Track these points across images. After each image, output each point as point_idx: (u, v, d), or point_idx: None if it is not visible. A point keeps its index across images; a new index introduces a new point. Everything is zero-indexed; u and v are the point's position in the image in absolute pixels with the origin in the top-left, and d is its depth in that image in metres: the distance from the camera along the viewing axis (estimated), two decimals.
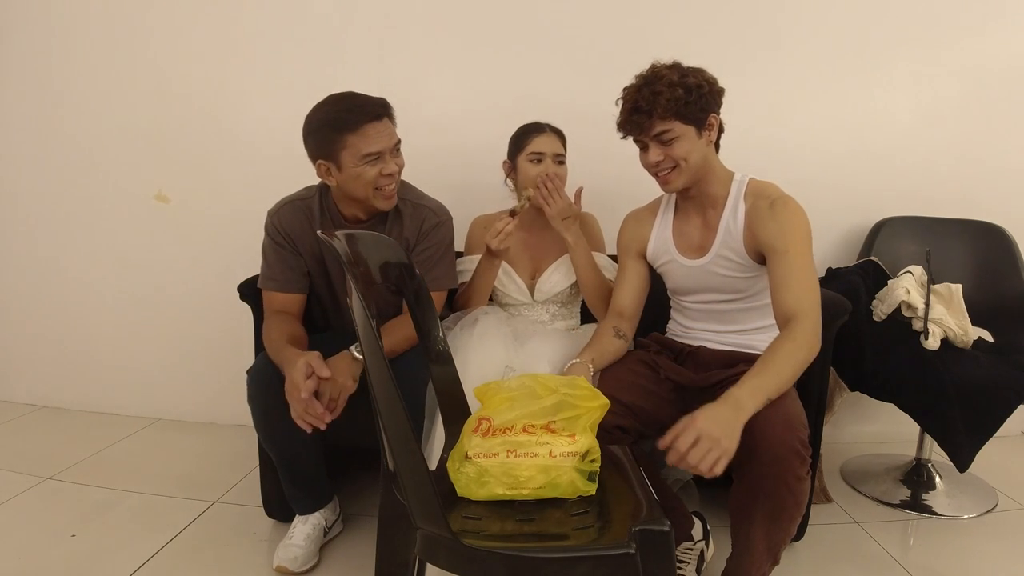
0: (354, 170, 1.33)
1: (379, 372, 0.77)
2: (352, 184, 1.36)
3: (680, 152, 1.26)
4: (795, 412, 1.10)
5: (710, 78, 1.26)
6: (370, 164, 1.33)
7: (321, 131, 1.34)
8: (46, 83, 2.18)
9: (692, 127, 1.25)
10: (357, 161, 1.32)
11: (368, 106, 1.33)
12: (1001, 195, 2.05)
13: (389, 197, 1.40)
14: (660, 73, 1.24)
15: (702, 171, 1.31)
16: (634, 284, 1.45)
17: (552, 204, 1.54)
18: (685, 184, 1.31)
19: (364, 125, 1.31)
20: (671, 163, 1.28)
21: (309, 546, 1.40)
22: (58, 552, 1.43)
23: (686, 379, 1.33)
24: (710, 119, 1.27)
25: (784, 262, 1.19)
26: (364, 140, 1.31)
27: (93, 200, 2.21)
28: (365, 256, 0.94)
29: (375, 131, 1.32)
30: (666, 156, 1.27)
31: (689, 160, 1.27)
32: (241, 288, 1.55)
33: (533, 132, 1.61)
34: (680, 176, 1.29)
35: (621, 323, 1.43)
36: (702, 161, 1.29)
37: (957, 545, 1.53)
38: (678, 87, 1.21)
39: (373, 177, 1.34)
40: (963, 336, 1.65)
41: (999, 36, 2.00)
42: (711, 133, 1.28)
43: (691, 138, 1.26)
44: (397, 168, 1.38)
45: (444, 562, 0.83)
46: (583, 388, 0.94)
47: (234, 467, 1.87)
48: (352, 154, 1.32)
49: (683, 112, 1.23)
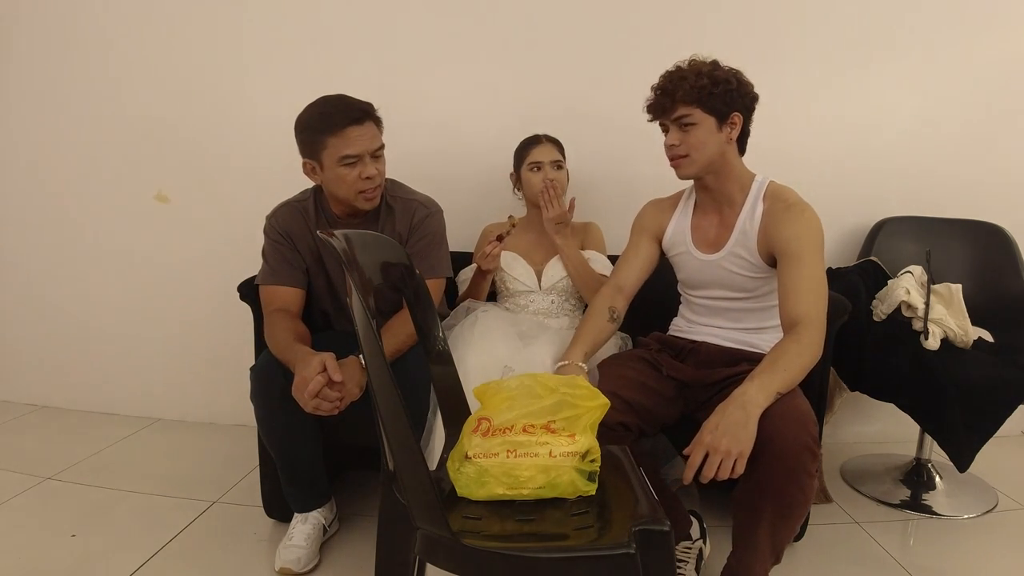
0: (334, 171, 1.36)
1: (380, 373, 0.77)
2: (334, 185, 1.40)
3: (695, 140, 1.28)
4: (805, 409, 1.11)
5: (743, 80, 1.29)
6: (349, 167, 1.35)
7: (305, 132, 1.37)
8: (46, 83, 2.18)
9: (713, 118, 1.27)
10: (336, 163, 1.35)
11: (350, 109, 1.35)
12: (1001, 195, 2.05)
13: (371, 199, 1.42)
14: (693, 62, 1.28)
15: (717, 165, 1.32)
16: (641, 262, 1.46)
17: (550, 209, 1.64)
18: (696, 174, 1.33)
19: (345, 128, 1.33)
20: (685, 150, 1.30)
21: (310, 546, 1.40)
22: (58, 552, 1.43)
23: (688, 376, 1.34)
24: (733, 116, 1.28)
25: (795, 269, 1.20)
26: (343, 142, 1.33)
27: (93, 200, 2.21)
28: (365, 256, 0.94)
29: (356, 134, 1.34)
30: (682, 142, 1.30)
31: (702, 150, 1.29)
32: (241, 288, 1.55)
33: (531, 144, 1.73)
34: (691, 165, 1.31)
35: (617, 300, 1.43)
36: (718, 156, 1.30)
37: (957, 545, 1.53)
38: (704, 76, 1.25)
39: (353, 180, 1.37)
40: (963, 336, 1.65)
41: (999, 36, 2.00)
42: (732, 130, 1.29)
43: (710, 129, 1.28)
44: (377, 172, 1.39)
45: (444, 562, 0.82)
46: (583, 388, 0.94)
47: (234, 467, 1.87)
48: (331, 155, 1.35)
49: (705, 101, 1.26)
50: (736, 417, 1.03)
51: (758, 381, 1.08)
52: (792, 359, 1.12)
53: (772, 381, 1.08)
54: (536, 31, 1.99)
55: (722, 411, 1.05)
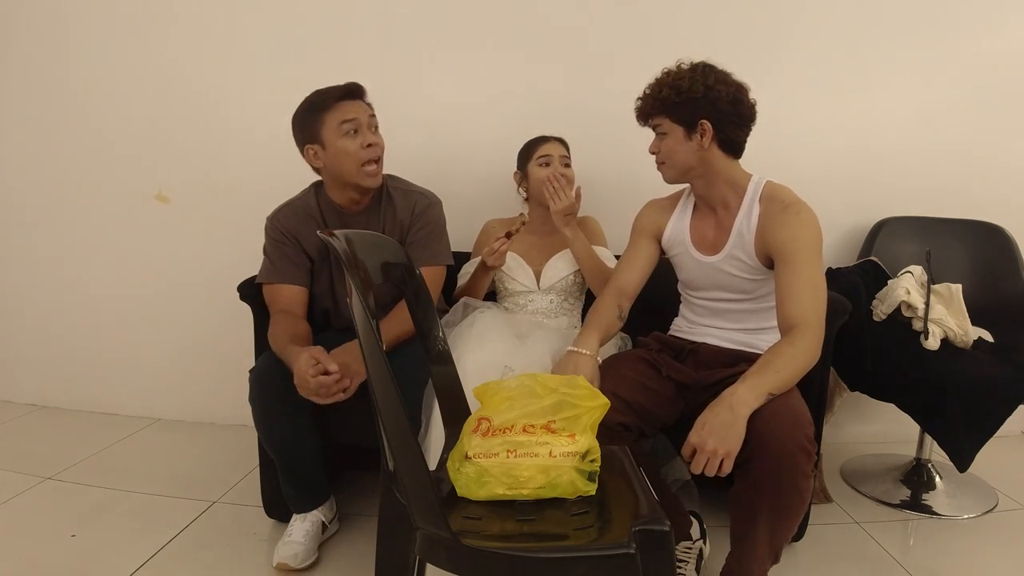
0: (336, 145, 1.40)
1: (379, 372, 0.77)
2: (337, 162, 1.42)
3: (667, 148, 1.33)
4: (801, 409, 1.11)
5: (714, 86, 1.25)
6: (349, 137, 1.40)
7: (300, 119, 1.44)
8: (47, 83, 2.18)
9: (681, 128, 1.29)
10: (337, 134, 1.40)
11: (338, 88, 1.42)
12: (1001, 195, 2.05)
13: (373, 175, 1.44)
14: (666, 72, 1.30)
15: (700, 171, 1.32)
16: (642, 263, 1.46)
17: (557, 201, 1.63)
18: (675, 179, 1.37)
19: (337, 102, 1.40)
20: (662, 157, 1.35)
21: (308, 543, 1.40)
22: (58, 552, 1.43)
23: (688, 377, 1.34)
24: (701, 124, 1.27)
25: (792, 270, 1.20)
26: (339, 113, 1.40)
27: (93, 200, 2.21)
28: (365, 256, 0.94)
29: (348, 105, 1.41)
30: (659, 149, 1.35)
31: (674, 158, 1.32)
32: (241, 288, 1.55)
33: (540, 141, 1.74)
34: (668, 170, 1.37)
35: (622, 301, 1.43)
36: (697, 162, 1.31)
37: (957, 545, 1.53)
38: (668, 87, 1.27)
39: (356, 151, 1.40)
40: (963, 336, 1.65)
41: (999, 36, 2.00)
42: (703, 138, 1.28)
43: (678, 138, 1.30)
44: (377, 142, 1.44)
45: (444, 562, 0.82)
46: (583, 388, 0.94)
47: (234, 467, 1.87)
48: (331, 128, 1.40)
49: (671, 111, 1.29)
50: (724, 417, 1.04)
51: (749, 382, 1.08)
52: (786, 361, 1.12)
53: (763, 382, 1.09)
54: (537, 30, 1.99)
55: (711, 411, 1.06)
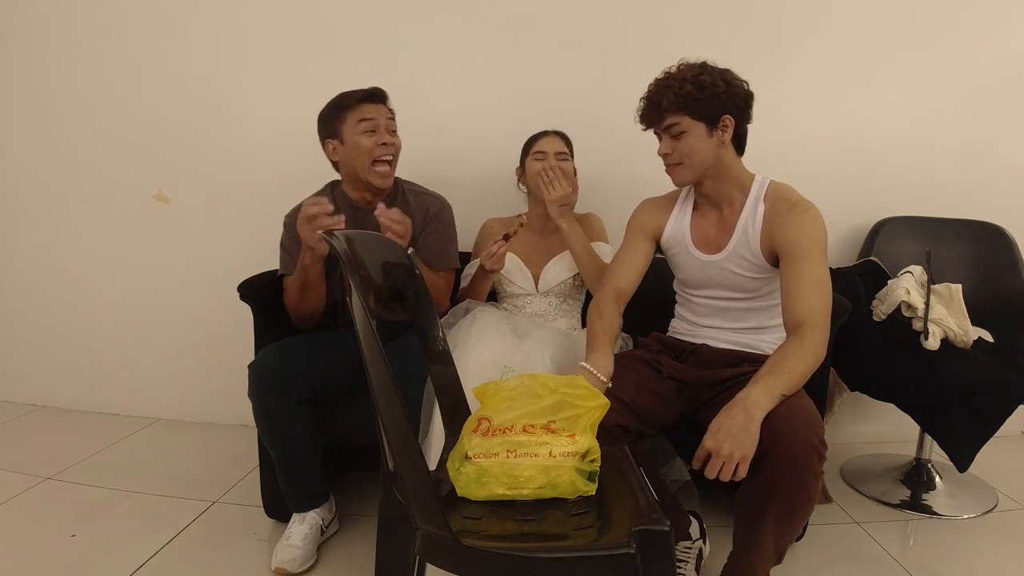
0: (353, 140, 1.51)
1: (379, 372, 0.77)
2: (352, 155, 1.52)
3: (686, 147, 1.28)
4: (812, 410, 1.11)
5: (732, 80, 1.26)
6: (367, 135, 1.50)
7: (326, 114, 1.55)
8: (47, 84, 2.18)
9: (702, 124, 1.26)
10: (355, 131, 1.51)
11: (363, 91, 1.54)
12: (1001, 195, 2.05)
13: (384, 176, 1.53)
14: (679, 68, 1.27)
15: (714, 170, 1.31)
16: (640, 263, 1.43)
17: (552, 191, 1.62)
18: (692, 179, 1.33)
19: (360, 103, 1.52)
20: (677, 158, 1.30)
21: (307, 546, 1.40)
22: (58, 552, 1.43)
23: (690, 376, 1.33)
24: (723, 119, 1.26)
25: (799, 269, 1.19)
26: (360, 112, 1.51)
27: (93, 200, 2.21)
28: (365, 256, 0.94)
29: (369, 107, 1.52)
30: (674, 150, 1.29)
31: (695, 157, 1.28)
32: (241, 288, 1.55)
33: (538, 136, 1.75)
34: (685, 171, 1.31)
35: (619, 302, 1.41)
36: (713, 160, 1.29)
37: (957, 545, 1.53)
38: (689, 83, 1.23)
39: (369, 147, 1.50)
40: (963, 336, 1.64)
41: (999, 36, 2.00)
42: (724, 134, 1.27)
43: (700, 135, 1.27)
44: (392, 142, 1.54)
45: (444, 562, 0.82)
46: (583, 388, 0.94)
47: (234, 467, 1.87)
48: (350, 125, 1.51)
49: (692, 108, 1.25)
50: (739, 421, 1.03)
51: (762, 384, 1.08)
52: (796, 361, 1.11)
53: (776, 384, 1.08)
54: (538, 31, 1.99)
55: (725, 414, 1.05)
